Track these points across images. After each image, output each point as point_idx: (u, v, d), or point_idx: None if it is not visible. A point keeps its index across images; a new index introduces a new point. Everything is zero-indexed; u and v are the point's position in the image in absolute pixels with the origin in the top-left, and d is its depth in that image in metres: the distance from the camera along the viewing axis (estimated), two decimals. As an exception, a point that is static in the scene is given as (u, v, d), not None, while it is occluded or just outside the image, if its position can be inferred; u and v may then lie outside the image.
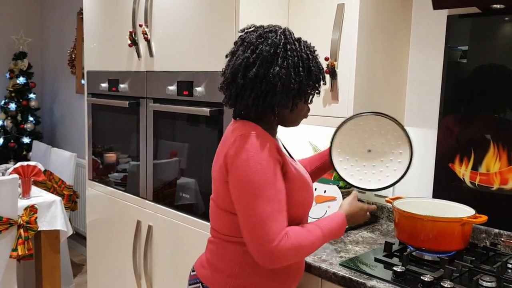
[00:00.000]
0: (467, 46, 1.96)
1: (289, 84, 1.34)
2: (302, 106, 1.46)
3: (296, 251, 1.33)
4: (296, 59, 1.36)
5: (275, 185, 1.32)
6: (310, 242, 1.37)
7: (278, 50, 1.34)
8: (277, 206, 1.31)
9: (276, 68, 1.33)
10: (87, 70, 2.91)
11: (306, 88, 1.39)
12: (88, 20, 2.87)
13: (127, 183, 2.65)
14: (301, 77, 1.36)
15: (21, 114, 4.77)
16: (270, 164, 1.32)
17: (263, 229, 1.29)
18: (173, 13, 2.25)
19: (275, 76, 1.33)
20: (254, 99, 1.36)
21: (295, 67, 1.35)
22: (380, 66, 2.01)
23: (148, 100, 2.43)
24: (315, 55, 1.43)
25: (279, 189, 1.32)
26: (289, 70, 1.34)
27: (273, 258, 1.30)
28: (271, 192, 1.31)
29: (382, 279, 1.57)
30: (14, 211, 2.89)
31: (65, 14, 4.77)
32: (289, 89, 1.35)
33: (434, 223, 1.68)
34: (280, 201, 1.33)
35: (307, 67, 1.38)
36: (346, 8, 1.89)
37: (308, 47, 1.42)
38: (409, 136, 1.66)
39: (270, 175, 1.31)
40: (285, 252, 1.31)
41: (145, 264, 2.49)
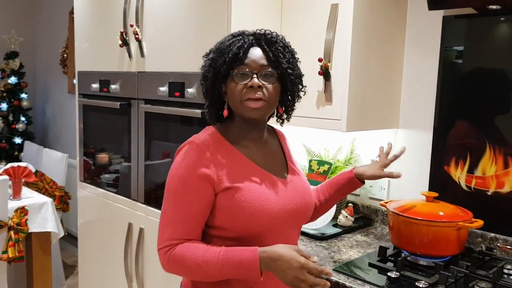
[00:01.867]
0: (462, 46, 1.94)
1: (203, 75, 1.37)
2: (230, 92, 1.32)
3: (176, 266, 1.30)
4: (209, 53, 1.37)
5: (185, 197, 1.29)
6: (194, 264, 1.26)
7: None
8: (179, 215, 1.30)
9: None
10: (78, 71, 2.87)
11: (206, 75, 1.36)
12: (79, 19, 2.83)
13: (118, 184, 2.61)
14: (204, 66, 1.37)
15: (13, 114, 4.72)
16: (188, 176, 1.29)
17: (161, 230, 1.33)
18: (164, 13, 2.21)
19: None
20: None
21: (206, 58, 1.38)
22: (375, 67, 1.98)
23: (140, 101, 2.39)
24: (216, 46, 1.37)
25: (188, 201, 1.29)
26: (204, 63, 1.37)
27: (159, 259, 1.32)
28: (179, 202, 1.30)
29: (376, 285, 1.54)
30: (4, 212, 2.84)
31: (56, 14, 4.71)
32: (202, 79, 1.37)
33: (429, 228, 1.65)
34: (185, 212, 1.29)
35: (211, 54, 1.36)
36: (340, 8, 1.86)
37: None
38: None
39: (182, 186, 1.30)
40: (166, 261, 1.30)
41: (137, 266, 2.46)
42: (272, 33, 1.36)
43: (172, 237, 1.29)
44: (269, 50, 1.32)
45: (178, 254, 1.28)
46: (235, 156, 1.34)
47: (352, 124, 1.90)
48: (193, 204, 1.29)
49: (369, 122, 2.00)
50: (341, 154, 2.26)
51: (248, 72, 1.30)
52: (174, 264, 1.29)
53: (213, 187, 1.29)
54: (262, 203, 1.29)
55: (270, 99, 1.32)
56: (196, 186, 1.28)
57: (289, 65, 1.34)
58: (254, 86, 1.28)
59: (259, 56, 1.31)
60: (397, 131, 2.16)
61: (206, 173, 1.28)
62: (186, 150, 1.33)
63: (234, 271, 1.23)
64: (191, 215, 1.29)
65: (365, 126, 1.99)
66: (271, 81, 1.31)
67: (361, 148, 2.27)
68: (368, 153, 2.25)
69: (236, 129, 1.39)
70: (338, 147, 2.26)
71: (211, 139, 1.34)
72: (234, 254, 1.23)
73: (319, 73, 1.90)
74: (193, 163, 1.30)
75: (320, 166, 2.08)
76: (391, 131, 2.17)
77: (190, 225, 1.30)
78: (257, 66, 1.30)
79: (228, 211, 1.29)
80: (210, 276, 1.26)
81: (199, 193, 1.29)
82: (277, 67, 1.32)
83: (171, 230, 1.30)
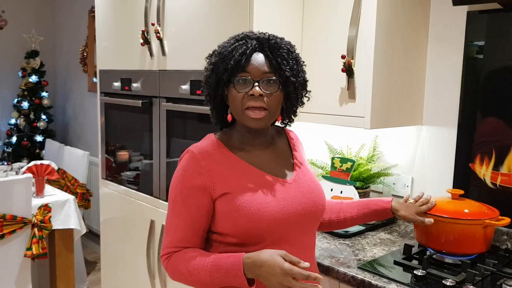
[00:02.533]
0: (487, 42, 1.91)
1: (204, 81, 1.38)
2: (231, 100, 1.32)
3: (173, 273, 1.34)
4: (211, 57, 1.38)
5: (181, 206, 1.32)
6: (186, 271, 1.29)
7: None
8: (176, 224, 1.33)
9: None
10: (100, 69, 2.89)
11: (208, 80, 1.36)
12: (100, 19, 2.85)
13: (140, 182, 2.63)
14: (206, 70, 1.37)
15: (34, 112, 4.78)
16: (183, 186, 1.32)
17: (163, 238, 1.37)
18: (185, 11, 2.22)
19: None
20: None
21: (208, 61, 1.38)
22: (398, 64, 1.96)
23: (161, 99, 2.40)
24: (224, 48, 1.34)
25: (185, 210, 1.31)
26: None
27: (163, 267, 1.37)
28: (176, 210, 1.33)
29: (402, 283, 1.53)
30: (28, 210, 2.88)
31: (76, 12, 4.76)
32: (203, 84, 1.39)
33: (455, 226, 1.64)
34: (182, 220, 1.32)
35: (212, 60, 1.36)
36: (363, 4, 1.85)
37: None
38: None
39: (179, 194, 1.32)
40: (166, 269, 1.35)
41: (159, 264, 2.47)
42: (276, 38, 1.34)
43: (170, 245, 1.34)
44: (272, 56, 1.31)
45: (173, 262, 1.32)
46: (233, 162, 1.34)
47: (376, 121, 1.89)
48: (190, 213, 1.31)
49: (393, 119, 1.99)
50: (364, 151, 2.25)
51: (250, 80, 1.28)
52: (172, 272, 1.34)
53: (209, 195, 1.30)
54: (259, 207, 1.28)
55: (271, 108, 1.31)
56: (192, 196, 1.31)
57: (292, 72, 1.32)
58: (255, 95, 1.27)
59: (261, 63, 1.29)
60: (420, 127, 2.14)
61: (200, 183, 1.30)
62: (183, 159, 1.35)
63: (222, 278, 1.23)
64: (187, 224, 1.32)
65: (388, 123, 1.98)
66: (273, 89, 1.29)
67: (384, 145, 2.25)
68: (391, 150, 2.24)
69: (238, 135, 1.39)
70: (360, 144, 2.25)
71: (209, 146, 1.35)
72: (221, 261, 1.24)
73: (342, 70, 1.89)
74: (188, 173, 1.32)
75: (343, 163, 2.07)
76: (415, 128, 2.15)
77: (187, 233, 1.32)
78: (259, 74, 1.28)
79: (227, 217, 1.30)
80: (204, 283, 1.28)
81: (195, 203, 1.30)
82: (280, 74, 1.30)
83: (170, 238, 1.34)
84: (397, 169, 2.20)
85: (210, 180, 1.30)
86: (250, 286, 1.22)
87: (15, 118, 4.79)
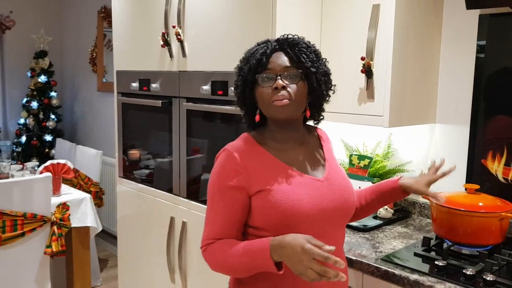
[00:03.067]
0: (498, 44, 2.00)
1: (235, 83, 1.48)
2: (258, 96, 1.41)
3: (211, 262, 1.42)
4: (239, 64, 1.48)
5: (219, 202, 1.41)
6: (222, 258, 1.37)
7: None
8: (214, 218, 1.42)
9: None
10: (117, 70, 2.96)
11: (237, 83, 1.46)
12: (118, 21, 2.92)
13: (158, 180, 2.71)
14: (237, 73, 1.48)
15: (43, 112, 4.84)
16: (220, 184, 1.41)
17: (204, 228, 1.46)
18: (206, 13, 2.30)
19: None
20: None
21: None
22: (413, 64, 2.05)
23: (181, 99, 2.48)
24: (252, 53, 1.44)
25: (222, 206, 1.40)
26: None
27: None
28: (214, 205, 1.43)
29: (424, 273, 1.62)
30: (48, 208, 2.96)
31: (84, 13, 4.82)
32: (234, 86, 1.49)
33: (472, 218, 1.73)
34: (219, 215, 1.41)
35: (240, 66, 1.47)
36: (381, 8, 1.93)
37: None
38: None
39: (217, 190, 1.42)
40: (205, 259, 1.44)
41: (180, 259, 2.55)
42: (294, 36, 1.45)
43: (208, 237, 1.43)
44: (291, 52, 1.40)
45: (211, 251, 1.41)
46: (267, 159, 1.42)
47: (394, 119, 1.98)
48: (226, 208, 1.40)
49: (409, 117, 2.08)
50: (379, 149, 2.33)
51: (272, 75, 1.38)
52: (210, 261, 1.42)
53: (245, 192, 1.39)
54: (293, 204, 1.35)
55: (295, 97, 1.38)
56: (228, 193, 1.39)
57: (312, 64, 1.40)
58: (278, 87, 1.36)
59: (281, 59, 1.39)
60: (434, 126, 2.23)
61: (237, 180, 1.38)
62: (220, 157, 1.44)
63: (252, 262, 1.30)
64: (224, 218, 1.40)
65: (404, 121, 2.07)
66: (295, 80, 1.38)
67: (398, 143, 2.34)
68: (405, 147, 2.33)
69: (270, 133, 1.47)
70: (376, 142, 2.34)
71: (244, 145, 1.44)
72: (250, 245, 1.32)
73: (361, 71, 1.97)
74: (225, 171, 1.41)
75: (361, 160, 2.16)
76: (428, 126, 2.25)
77: (224, 227, 1.40)
78: (280, 69, 1.38)
79: (262, 212, 1.37)
80: (236, 268, 1.35)
81: (232, 199, 1.39)
82: (300, 67, 1.39)
83: (208, 231, 1.43)
84: (411, 165, 2.29)
85: (246, 177, 1.38)
86: (279, 270, 1.28)
87: (24, 118, 4.85)
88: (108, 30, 4.47)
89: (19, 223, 2.83)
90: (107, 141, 4.61)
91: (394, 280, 1.64)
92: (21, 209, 2.83)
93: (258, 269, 1.32)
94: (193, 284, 2.52)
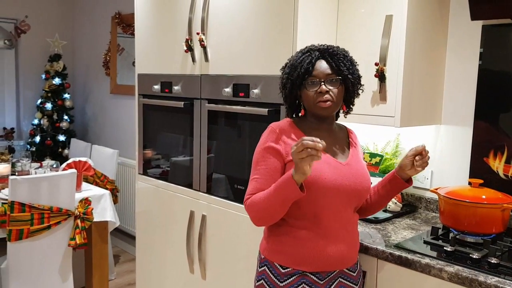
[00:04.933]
0: (498, 52, 2.19)
1: (281, 85, 1.78)
2: (305, 97, 1.71)
3: (252, 209, 1.69)
4: (286, 67, 1.77)
5: (261, 164, 1.72)
6: (260, 200, 1.64)
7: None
8: (257, 176, 1.72)
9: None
10: (138, 73, 3.14)
11: (285, 85, 1.75)
12: (140, 26, 3.09)
13: (177, 176, 2.87)
14: (282, 79, 1.78)
15: (57, 113, 5.01)
16: (263, 150, 1.72)
17: (248, 186, 1.75)
18: (229, 21, 2.47)
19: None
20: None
21: (283, 72, 1.78)
22: (421, 69, 2.24)
23: (203, 100, 2.65)
24: (290, 61, 1.75)
25: (263, 167, 1.71)
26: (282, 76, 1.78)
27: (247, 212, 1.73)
28: (259, 166, 1.73)
29: (434, 258, 1.80)
30: (72, 203, 3.12)
31: (98, 18, 5.00)
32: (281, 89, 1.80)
33: (476, 209, 1.91)
34: (260, 174, 1.71)
35: (285, 72, 1.76)
36: (394, 18, 2.12)
37: (297, 55, 1.74)
38: None
39: (261, 156, 1.73)
40: (246, 209, 1.71)
41: (200, 250, 2.71)
42: (334, 47, 1.74)
43: (251, 191, 1.72)
44: (332, 61, 1.71)
45: (251, 199, 1.69)
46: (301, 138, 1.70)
47: (404, 120, 2.16)
48: (267, 168, 1.71)
49: (417, 118, 2.26)
50: (388, 148, 2.52)
51: (317, 81, 1.69)
52: (251, 208, 1.69)
53: (282, 158, 1.71)
54: (318, 174, 1.65)
55: (336, 99, 1.71)
56: (270, 156, 1.71)
57: (349, 71, 1.71)
58: (322, 92, 1.68)
59: (324, 67, 1.70)
60: (439, 126, 2.42)
61: (276, 148, 1.71)
62: (265, 132, 1.78)
63: (280, 190, 1.58)
64: (266, 177, 1.70)
65: (413, 122, 2.25)
66: (336, 85, 1.70)
67: (406, 142, 2.53)
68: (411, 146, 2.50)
69: (308, 122, 1.78)
70: (386, 142, 2.52)
71: (285, 125, 1.76)
72: (278, 181, 1.61)
73: (375, 76, 2.16)
74: (270, 140, 1.73)
75: (372, 158, 2.35)
76: (434, 126, 2.43)
77: (263, 185, 1.69)
78: (323, 75, 1.69)
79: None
80: (270, 204, 1.62)
81: (270, 162, 1.71)
82: (340, 74, 1.70)
83: (252, 187, 1.73)
84: (418, 163, 2.47)
85: (284, 148, 1.71)
86: (302, 191, 1.56)
87: (38, 119, 5.01)
88: (121, 35, 4.65)
89: (45, 216, 2.99)
90: (118, 142, 4.78)
91: (406, 264, 1.82)
92: (47, 203, 2.99)
93: (287, 195, 1.58)
94: (212, 273, 2.69)
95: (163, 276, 3.05)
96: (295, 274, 1.72)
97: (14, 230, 2.91)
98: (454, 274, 1.69)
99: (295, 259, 1.71)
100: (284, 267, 1.73)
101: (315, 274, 1.72)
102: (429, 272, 1.76)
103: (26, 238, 2.95)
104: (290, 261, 1.72)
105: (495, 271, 1.67)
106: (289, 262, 1.72)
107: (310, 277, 1.72)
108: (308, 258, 1.70)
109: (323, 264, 1.71)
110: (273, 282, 1.74)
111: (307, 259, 1.70)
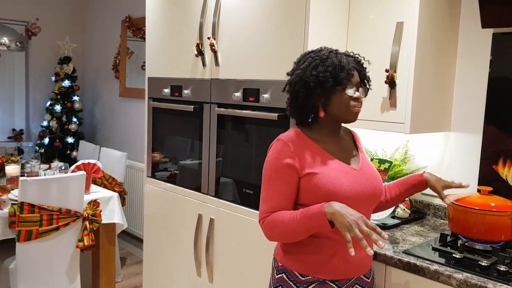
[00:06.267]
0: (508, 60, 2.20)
1: (298, 89, 1.73)
2: (338, 100, 1.68)
3: (270, 229, 1.69)
4: (304, 68, 1.72)
5: (275, 181, 1.69)
6: (281, 223, 1.64)
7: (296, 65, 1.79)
8: (271, 195, 1.69)
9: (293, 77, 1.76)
10: (148, 77, 3.16)
11: (324, 84, 1.66)
12: (151, 30, 3.12)
13: (186, 179, 2.89)
14: (318, 77, 1.68)
15: (66, 115, 5.04)
16: (277, 165, 1.69)
17: (259, 208, 1.74)
18: (240, 26, 2.49)
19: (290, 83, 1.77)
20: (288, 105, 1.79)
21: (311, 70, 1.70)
22: (431, 76, 2.25)
23: (212, 104, 2.67)
24: (324, 60, 1.68)
25: (278, 184, 1.68)
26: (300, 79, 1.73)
27: (261, 229, 1.73)
28: (271, 184, 1.70)
29: (443, 264, 1.80)
30: (81, 205, 3.14)
31: (108, 22, 5.03)
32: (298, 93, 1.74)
33: (485, 217, 1.91)
34: (276, 192, 1.69)
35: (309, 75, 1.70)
36: (405, 25, 2.13)
37: (318, 55, 1.72)
38: None
39: (275, 172, 1.69)
40: (263, 229, 1.71)
41: (207, 253, 2.73)
42: (359, 57, 1.78)
43: (267, 210, 1.71)
44: (362, 71, 1.75)
45: (270, 219, 1.68)
46: (314, 149, 1.72)
47: (414, 127, 2.17)
48: (282, 186, 1.68)
49: (426, 125, 2.27)
50: (397, 154, 2.52)
51: (354, 89, 1.70)
52: (269, 228, 1.69)
53: (297, 173, 1.68)
54: (335, 185, 1.65)
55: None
56: (284, 172, 1.68)
57: (369, 81, 1.78)
58: (359, 99, 1.72)
59: (356, 75, 1.73)
60: (448, 134, 2.42)
61: (290, 163, 1.68)
62: (275, 145, 1.74)
63: (308, 222, 1.58)
64: (280, 195, 1.69)
65: (423, 129, 2.26)
66: (365, 93, 1.76)
67: (415, 149, 2.53)
68: (421, 153, 2.52)
69: (319, 129, 1.77)
70: (395, 148, 2.53)
71: (295, 136, 1.73)
72: (307, 209, 1.61)
73: (385, 82, 2.17)
74: (281, 155, 1.69)
75: (381, 164, 2.35)
76: (443, 134, 2.44)
77: (279, 202, 1.69)
78: (357, 83, 1.72)
79: (309, 192, 1.67)
80: (293, 230, 1.62)
81: (286, 178, 1.68)
82: (365, 84, 1.78)
83: (266, 206, 1.71)
84: (427, 170, 2.48)
85: (298, 161, 1.68)
86: (332, 227, 1.57)
87: (47, 121, 5.05)
88: (131, 38, 4.68)
89: (54, 217, 3.01)
90: (126, 144, 4.80)
91: (415, 271, 1.83)
92: (57, 204, 3.02)
93: (316, 228, 1.60)
94: (219, 277, 2.70)
95: (170, 279, 3.06)
96: (314, 282, 1.72)
97: (23, 230, 2.93)
98: (463, 281, 1.69)
99: (315, 268, 1.71)
100: (304, 275, 1.72)
101: (334, 281, 1.72)
102: (437, 278, 1.76)
103: (35, 239, 2.97)
104: (310, 269, 1.71)
105: (504, 279, 1.68)
106: (308, 270, 1.71)
107: (329, 285, 1.72)
108: (329, 266, 1.70)
109: (343, 272, 1.72)
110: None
111: (328, 267, 1.70)
